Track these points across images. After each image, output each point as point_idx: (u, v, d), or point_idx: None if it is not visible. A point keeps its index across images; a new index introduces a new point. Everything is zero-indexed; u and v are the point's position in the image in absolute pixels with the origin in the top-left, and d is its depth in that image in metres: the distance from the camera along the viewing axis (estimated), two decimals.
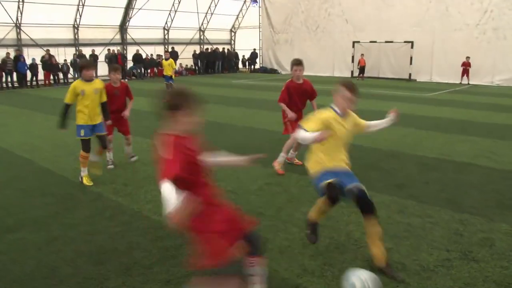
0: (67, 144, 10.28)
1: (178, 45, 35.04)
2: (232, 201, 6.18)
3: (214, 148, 3.52)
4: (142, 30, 32.71)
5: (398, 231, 5.22)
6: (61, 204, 6.32)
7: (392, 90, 22.74)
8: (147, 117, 14.15)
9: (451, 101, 18.18)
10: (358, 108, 7.61)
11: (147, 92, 20.54)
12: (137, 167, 8.14)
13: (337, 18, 31.88)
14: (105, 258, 4.62)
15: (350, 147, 9.27)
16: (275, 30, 36.10)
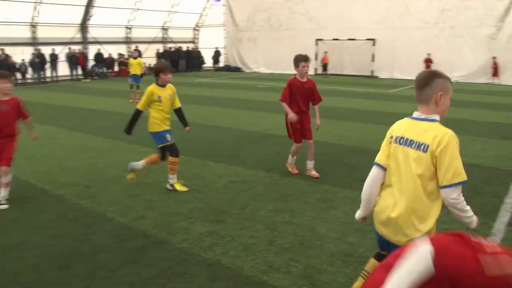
0: (27, 147, 9.95)
1: (141, 44, 34.54)
2: (197, 199, 6.17)
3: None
4: (103, 28, 32.05)
5: (362, 225, 5.23)
6: (22, 208, 6.10)
7: (355, 87, 23.06)
8: (110, 117, 13.91)
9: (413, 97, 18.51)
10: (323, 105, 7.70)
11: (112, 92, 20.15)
12: (100, 169, 7.96)
13: (300, 16, 32.09)
14: (69, 262, 4.49)
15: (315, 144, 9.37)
16: (239, 28, 36.05)
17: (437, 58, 26.39)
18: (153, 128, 6.79)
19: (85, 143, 10.11)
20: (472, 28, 25.60)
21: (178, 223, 5.38)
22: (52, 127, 12.17)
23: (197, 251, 4.65)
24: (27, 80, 27.83)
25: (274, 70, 33.42)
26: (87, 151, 9.32)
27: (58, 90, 23.20)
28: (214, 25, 37.94)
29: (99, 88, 24.13)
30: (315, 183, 6.91)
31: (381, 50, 28.23)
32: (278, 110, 14.46)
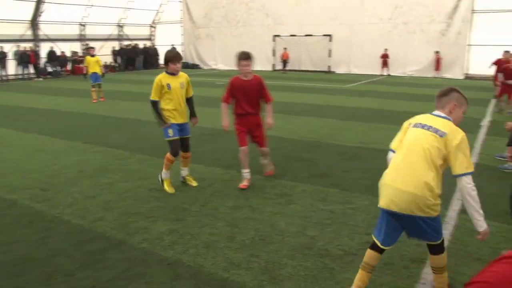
0: None
1: (95, 41, 33.73)
2: (156, 198, 6.11)
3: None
4: (56, 25, 31.09)
5: (321, 218, 5.36)
6: None
7: (312, 82, 23.33)
8: (65, 117, 13.56)
9: (369, 91, 18.94)
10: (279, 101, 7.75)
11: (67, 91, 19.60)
12: (56, 171, 7.75)
13: (257, 12, 32.17)
14: (23, 268, 4.35)
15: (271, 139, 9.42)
16: (196, 25, 35.81)
17: (391, 54, 27.10)
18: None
19: (39, 145, 9.82)
20: (424, 24, 26.36)
21: (137, 223, 5.32)
22: (3, 129, 11.75)
23: (158, 250, 4.61)
24: None
25: (232, 66, 33.26)
26: (42, 153, 9.05)
27: (8, 90, 22.38)
28: (171, 22, 37.52)
29: (52, 87, 23.45)
30: (273, 179, 6.97)
31: (338, 45, 28.69)
32: None
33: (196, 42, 36.20)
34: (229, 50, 33.72)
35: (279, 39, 30.89)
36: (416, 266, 4.21)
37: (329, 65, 29.40)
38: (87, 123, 12.44)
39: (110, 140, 10.00)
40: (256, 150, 7.21)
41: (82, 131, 11.28)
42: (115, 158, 8.43)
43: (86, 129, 11.55)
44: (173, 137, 6.38)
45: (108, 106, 15.55)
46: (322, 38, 29.19)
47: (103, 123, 12.42)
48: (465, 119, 3.66)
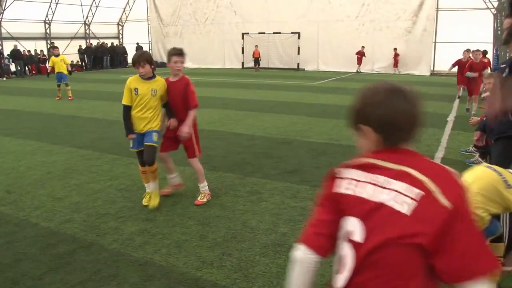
0: None
1: (61, 40, 33.06)
2: (125, 199, 6.04)
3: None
4: (20, 23, 30.29)
5: (292, 215, 5.40)
6: None
7: (282, 79, 23.44)
8: (30, 118, 13.24)
9: (338, 88, 19.15)
10: (249, 99, 7.76)
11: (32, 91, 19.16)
12: (21, 173, 7.57)
13: (226, 10, 32.10)
14: None
15: (241, 137, 9.42)
16: (164, 23, 35.48)
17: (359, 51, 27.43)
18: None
19: (3, 146, 9.56)
20: (390, 22, 26.81)
21: (107, 224, 5.25)
22: None
23: (129, 251, 4.56)
24: None
25: (201, 64, 33.26)
26: (6, 155, 8.82)
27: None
28: (139, 20, 37.07)
29: (16, 87, 22.87)
30: (244, 176, 6.98)
31: (306, 43, 28.89)
32: (204, 105, 14.45)
33: (164, 40, 35.88)
34: (197, 48, 33.61)
35: (247, 37, 30.89)
36: None
37: (298, 62, 29.57)
38: (53, 123, 12.18)
39: (78, 140, 9.82)
40: (239, 146, 7.20)
41: (49, 131, 11.04)
42: (84, 159, 8.29)
43: (52, 129, 11.31)
44: (132, 149, 5.86)
45: (74, 106, 15.26)
46: (291, 35, 29.34)
47: (70, 123, 12.18)
48: (432, 115, 3.75)
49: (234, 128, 10.79)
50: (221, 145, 9.11)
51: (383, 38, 27.14)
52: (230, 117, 12.24)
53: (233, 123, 11.44)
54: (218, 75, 26.84)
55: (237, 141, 9.43)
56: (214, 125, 11.15)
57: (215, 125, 11.15)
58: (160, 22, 35.76)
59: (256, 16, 30.56)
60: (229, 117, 12.31)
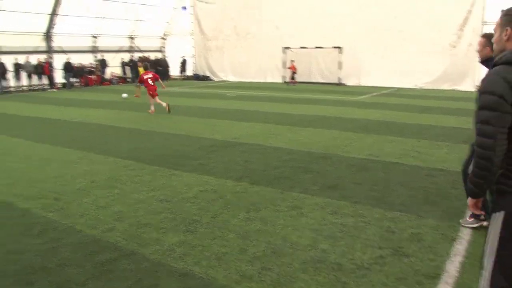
0: None
1: (107, 52, 34.07)
2: (167, 210, 6.12)
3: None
4: (69, 37, 31.43)
5: (332, 231, 5.33)
6: None
7: (322, 94, 23.32)
8: (76, 127, 13.67)
9: (379, 103, 18.89)
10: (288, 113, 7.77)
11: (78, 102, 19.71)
12: (67, 180, 7.80)
13: (267, 24, 32.25)
14: (34, 278, 4.37)
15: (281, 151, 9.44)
16: (207, 37, 36.00)
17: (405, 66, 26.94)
18: None
19: (51, 155, 9.89)
20: (434, 36, 26.30)
21: (148, 234, 5.32)
22: (15, 138, 11.87)
23: (169, 262, 4.60)
24: None
25: (242, 78, 33.52)
26: (53, 163, 9.12)
27: (21, 100, 22.62)
28: (182, 34, 37.77)
29: (65, 98, 23.67)
30: (284, 191, 6.94)
31: (348, 57, 28.68)
32: (245, 118, 14.56)
33: (207, 54, 36.36)
34: (238, 62, 33.94)
35: (289, 51, 30.94)
36: (430, 282, 4.17)
37: (340, 77, 29.38)
38: (97, 133, 12.52)
39: (120, 151, 10.04)
40: (278, 160, 7.21)
41: (92, 141, 11.35)
42: (126, 169, 8.46)
43: (97, 139, 11.62)
44: None
45: (117, 117, 15.65)
46: (332, 50, 29.20)
47: (112, 133, 12.49)
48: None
49: (274, 142, 10.78)
50: (261, 159, 9.12)
51: (427, 53, 26.60)
52: (270, 131, 12.24)
53: (273, 137, 11.44)
54: (259, 89, 26.98)
55: (277, 155, 9.42)
56: (255, 139, 11.18)
57: (255, 139, 11.18)
58: (203, 36, 36.31)
59: (297, 30, 30.56)
60: (269, 131, 12.32)
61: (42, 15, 29.21)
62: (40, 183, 7.65)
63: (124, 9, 33.44)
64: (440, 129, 12.32)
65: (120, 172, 8.22)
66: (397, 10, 27.13)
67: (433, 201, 6.37)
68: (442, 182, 7.28)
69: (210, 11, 35.24)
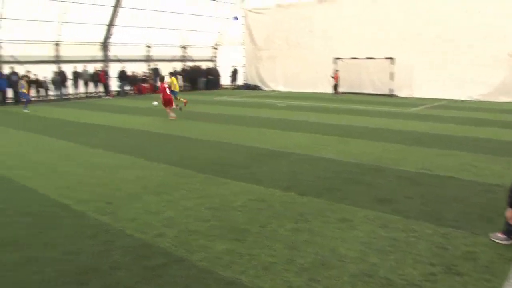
0: (49, 162, 10.14)
1: (161, 62, 35.01)
2: (216, 217, 6.17)
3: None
4: (124, 46, 32.57)
5: (383, 245, 5.21)
6: (42, 223, 6.18)
7: (373, 105, 22.95)
8: (128, 134, 14.07)
9: (432, 116, 18.39)
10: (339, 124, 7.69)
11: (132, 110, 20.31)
12: (119, 185, 8.03)
13: (319, 35, 32.18)
14: (87, 278, 4.52)
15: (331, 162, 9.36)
16: (258, 47, 36.28)
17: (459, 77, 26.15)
18: None
19: (104, 160, 10.22)
20: (492, 46, 25.39)
21: (197, 241, 5.38)
22: (72, 143, 12.36)
23: (217, 269, 4.64)
24: (49, 97, 28.39)
25: (293, 88, 33.52)
26: (106, 168, 9.42)
27: (78, 107, 23.56)
28: (233, 44, 38.26)
29: (119, 105, 24.45)
30: (334, 202, 6.86)
31: (400, 68, 28.11)
32: (294, 128, 14.53)
33: (258, 64, 36.63)
34: (289, 72, 33.99)
35: (340, 61, 30.69)
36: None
37: (391, 88, 28.84)
38: (149, 140, 12.84)
39: (171, 158, 10.24)
40: (327, 171, 7.15)
41: (144, 147, 11.64)
42: (176, 176, 8.62)
43: (149, 146, 11.91)
44: None
45: (167, 125, 15.99)
46: (384, 60, 28.73)
47: (163, 140, 12.76)
48: None
49: (324, 152, 10.69)
50: (310, 169, 9.06)
51: (483, 63, 25.68)
52: (320, 142, 12.16)
53: (322, 147, 11.35)
54: (309, 99, 26.89)
55: (326, 166, 9.33)
56: (304, 149, 11.13)
57: (304, 149, 11.12)
58: (254, 46, 36.62)
59: (348, 41, 30.32)
60: (319, 141, 12.24)
61: (100, 26, 30.43)
62: (93, 187, 7.92)
63: (177, 19, 34.28)
64: (497, 143, 11.85)
65: (170, 179, 8.38)
66: (451, 20, 26.42)
67: (489, 218, 6.11)
68: (499, 199, 6.94)
69: (261, 21, 35.55)
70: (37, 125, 16.38)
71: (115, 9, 30.17)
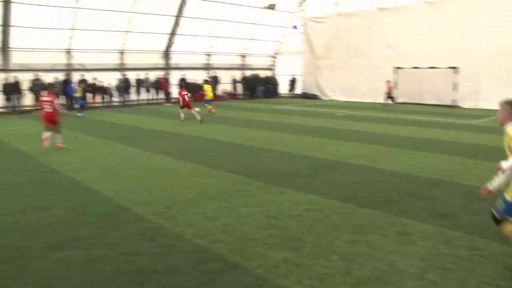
0: (113, 166, 10.56)
1: (220, 70, 35.67)
2: (273, 226, 6.20)
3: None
4: (185, 55, 33.48)
5: (444, 262, 5.04)
6: (104, 224, 6.45)
7: (435, 116, 22.28)
8: (190, 141, 14.39)
9: (497, 128, 17.58)
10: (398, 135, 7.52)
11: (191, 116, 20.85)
12: (179, 191, 8.24)
13: (379, 44, 31.64)
14: (145, 279, 4.67)
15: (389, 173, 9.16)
16: (317, 56, 36.15)
17: None
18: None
19: (164, 165, 10.52)
20: None
21: (254, 249, 5.43)
22: (134, 148, 12.80)
23: (273, 277, 4.66)
24: (113, 103, 29.59)
25: (351, 98, 33.11)
26: (166, 173, 9.69)
27: (140, 113, 24.36)
28: (292, 53, 38.34)
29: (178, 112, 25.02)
30: (392, 216, 6.71)
31: (464, 78, 27.10)
32: (353, 138, 14.34)
33: (316, 73, 36.48)
34: (348, 81, 33.59)
35: (400, 71, 30.02)
36: None
37: (454, 99, 27.84)
38: (209, 147, 13.08)
39: (230, 165, 10.38)
40: (387, 183, 7.01)
41: (205, 154, 11.87)
42: (234, 183, 8.73)
43: (208, 152, 12.14)
44: None
45: (226, 132, 16.21)
46: (447, 70, 27.82)
47: (222, 148, 12.96)
48: None
49: (383, 164, 10.48)
50: (369, 181, 8.92)
51: None
52: (379, 153, 11.94)
53: (382, 159, 11.13)
54: (368, 109, 26.50)
55: (386, 178, 9.14)
56: (363, 159, 10.95)
57: (363, 159, 10.95)
58: (312, 55, 36.51)
59: (410, 50, 29.57)
60: (378, 152, 12.02)
61: (162, 35, 31.44)
62: (154, 191, 8.17)
63: (237, 28, 34.81)
64: None
65: (229, 186, 8.50)
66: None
67: None
68: None
69: (321, 30, 35.43)
70: (102, 130, 17.10)
71: (176, 19, 31.09)
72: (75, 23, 26.92)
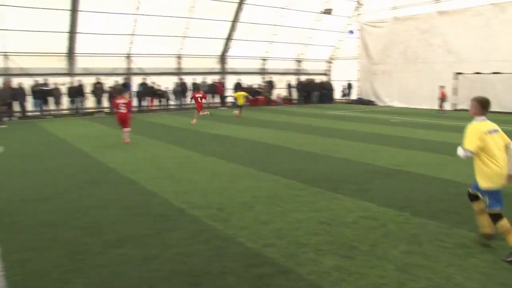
0: (168, 168, 10.81)
1: (275, 75, 35.80)
2: (326, 232, 6.13)
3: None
4: (241, 60, 33.89)
5: (507, 278, 4.80)
6: (160, 224, 6.61)
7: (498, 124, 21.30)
8: (241, 144, 14.50)
9: None
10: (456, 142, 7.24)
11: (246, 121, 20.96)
12: (232, 194, 8.32)
13: (438, 49, 30.68)
14: (199, 280, 4.74)
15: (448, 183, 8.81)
16: (373, 61, 35.54)
17: None
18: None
19: (218, 168, 10.65)
20: None
21: (306, 254, 5.39)
22: (189, 151, 13.07)
23: (325, 285, 4.60)
24: (170, 106, 30.35)
25: (408, 104, 32.28)
26: (220, 176, 9.81)
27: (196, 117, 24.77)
28: (348, 58, 37.91)
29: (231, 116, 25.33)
30: (451, 227, 6.47)
31: None
32: (409, 146, 13.97)
33: (372, 78, 35.85)
34: (406, 87, 32.76)
35: (461, 77, 28.95)
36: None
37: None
38: (262, 151, 13.14)
39: (284, 170, 10.37)
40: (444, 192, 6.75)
41: (258, 158, 11.93)
42: (287, 188, 8.71)
43: (261, 156, 12.20)
44: None
45: (281, 137, 16.22)
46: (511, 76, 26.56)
47: (277, 152, 12.97)
48: None
49: (440, 172, 10.13)
50: (425, 189, 8.66)
51: None
52: (436, 161, 11.56)
53: (438, 167, 10.77)
54: (426, 115, 25.77)
55: (443, 187, 8.84)
56: (419, 167, 10.64)
57: (419, 167, 10.63)
58: (369, 60, 35.92)
59: (471, 55, 28.46)
60: (435, 160, 11.64)
61: (219, 40, 31.97)
62: (208, 194, 8.30)
63: (293, 33, 34.82)
64: None
65: (282, 190, 8.50)
66: None
67: None
68: None
69: (378, 34, 34.81)
70: (159, 133, 17.57)
71: (233, 24, 31.50)
72: (135, 29, 27.89)
